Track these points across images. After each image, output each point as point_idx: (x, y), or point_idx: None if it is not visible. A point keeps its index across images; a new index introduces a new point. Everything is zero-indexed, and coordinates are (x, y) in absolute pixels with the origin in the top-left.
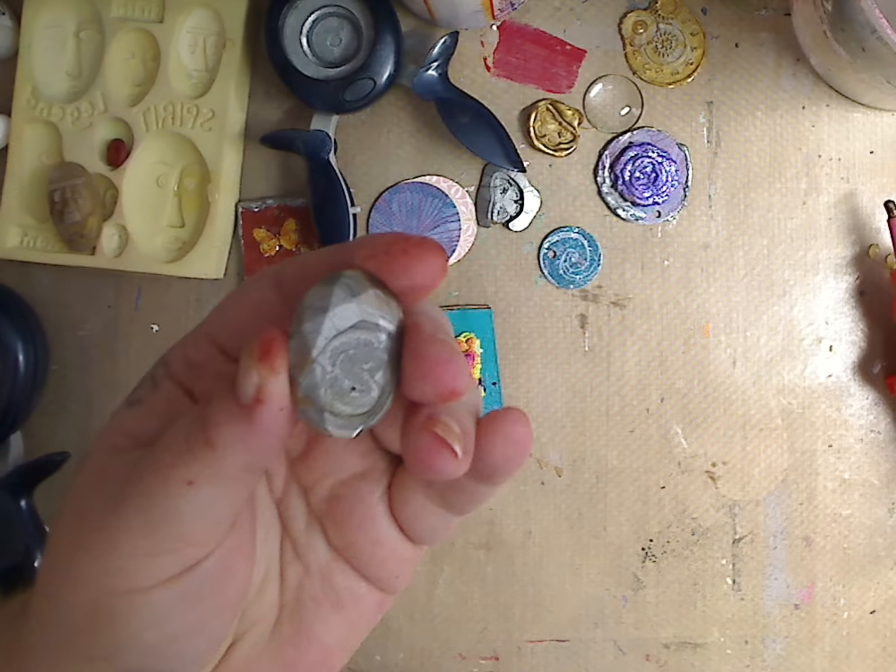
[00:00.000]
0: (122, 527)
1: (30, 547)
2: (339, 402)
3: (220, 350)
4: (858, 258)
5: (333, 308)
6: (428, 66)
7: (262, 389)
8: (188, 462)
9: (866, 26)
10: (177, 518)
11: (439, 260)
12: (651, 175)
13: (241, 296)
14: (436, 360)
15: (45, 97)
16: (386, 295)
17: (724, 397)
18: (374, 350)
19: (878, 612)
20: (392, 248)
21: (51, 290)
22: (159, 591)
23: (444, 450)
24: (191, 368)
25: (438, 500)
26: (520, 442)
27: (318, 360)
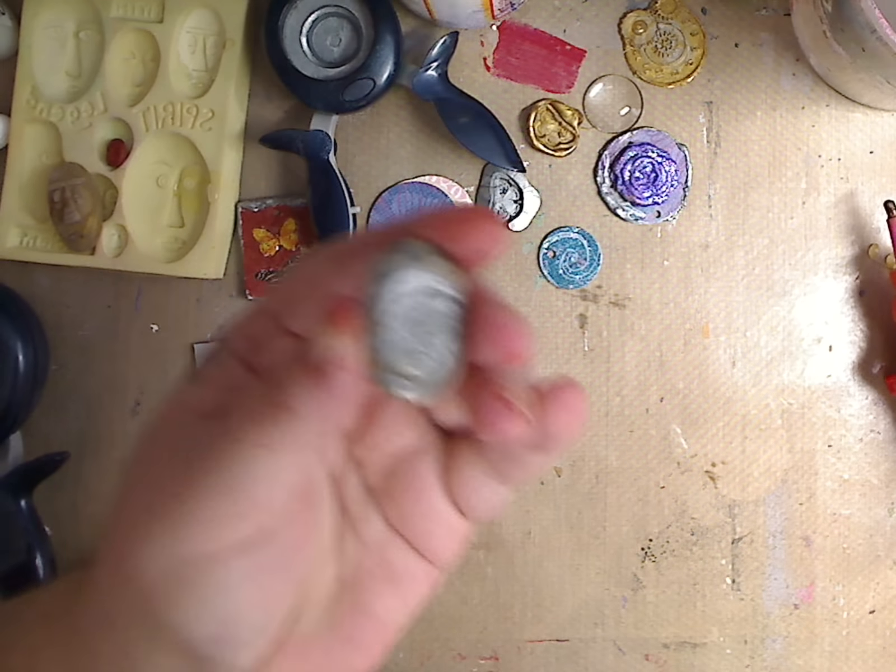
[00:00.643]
0: (196, 493)
1: (31, 547)
2: (408, 364)
3: (279, 325)
4: (858, 258)
5: (395, 273)
6: (428, 66)
7: (337, 353)
8: (266, 427)
9: (866, 26)
10: (252, 483)
11: (496, 226)
12: (651, 175)
13: (300, 271)
14: (504, 324)
15: (44, 97)
16: (447, 262)
17: (724, 397)
18: (443, 316)
19: (877, 612)
20: (450, 216)
21: (51, 290)
22: (232, 559)
23: (512, 412)
24: (250, 343)
25: (493, 472)
26: (576, 410)
27: (381, 322)
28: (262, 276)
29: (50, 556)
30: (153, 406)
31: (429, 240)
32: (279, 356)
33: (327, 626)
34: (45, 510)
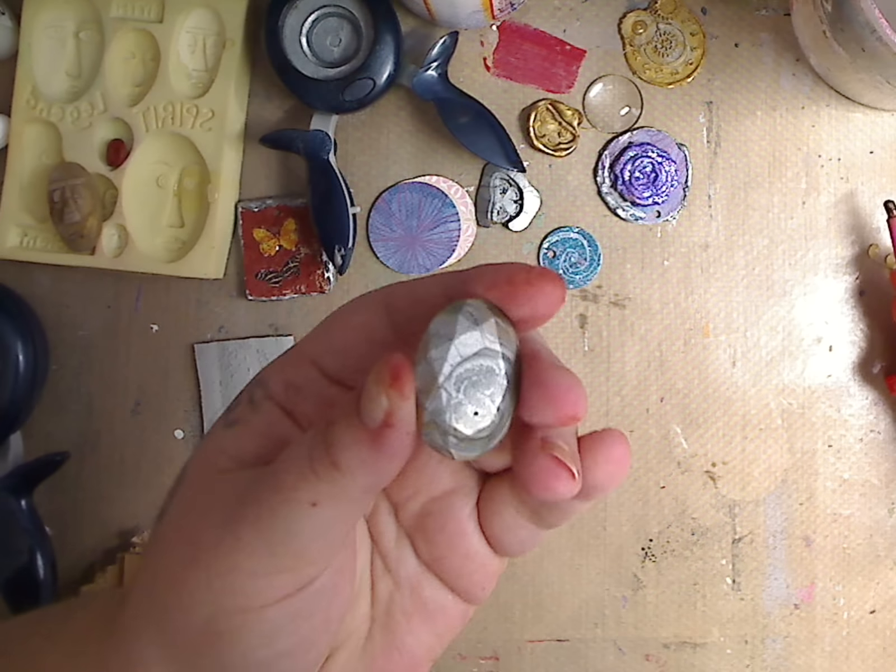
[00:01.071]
0: (240, 546)
1: (32, 548)
2: (462, 425)
3: (322, 372)
4: (858, 258)
5: (459, 336)
6: (428, 66)
7: (392, 414)
8: (313, 484)
9: (866, 27)
10: (298, 538)
11: (559, 290)
12: (651, 175)
13: (345, 318)
14: (559, 386)
15: (44, 97)
16: (505, 323)
17: (724, 397)
18: (495, 376)
19: (877, 612)
20: (515, 279)
21: (51, 290)
22: (274, 609)
23: (564, 472)
24: (291, 390)
25: (529, 515)
26: (620, 461)
27: (444, 385)
28: (262, 276)
29: (50, 557)
30: (152, 408)
31: (488, 301)
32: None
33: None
34: (45, 510)
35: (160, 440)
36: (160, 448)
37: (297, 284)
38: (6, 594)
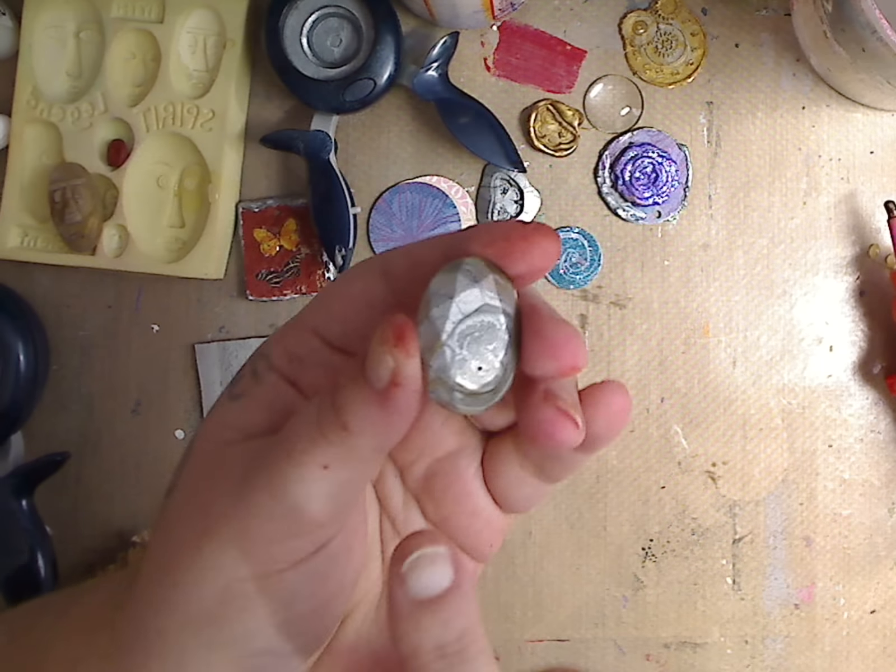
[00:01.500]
0: (253, 513)
1: (33, 548)
2: (468, 381)
3: (324, 341)
4: (858, 258)
5: (459, 294)
6: (428, 66)
7: (399, 373)
8: (323, 447)
9: (866, 27)
10: (311, 502)
11: (555, 244)
12: (651, 175)
13: (345, 286)
14: (558, 338)
15: (45, 97)
16: (503, 279)
17: (724, 397)
18: (496, 331)
19: (878, 612)
20: (511, 235)
21: (51, 290)
22: (290, 573)
23: (568, 422)
24: (294, 360)
25: (533, 469)
26: (621, 411)
27: (447, 343)
28: (262, 276)
29: (51, 557)
30: (152, 407)
31: (486, 258)
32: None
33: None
34: (46, 510)
35: (160, 440)
36: (160, 448)
37: (298, 285)
38: (6, 594)
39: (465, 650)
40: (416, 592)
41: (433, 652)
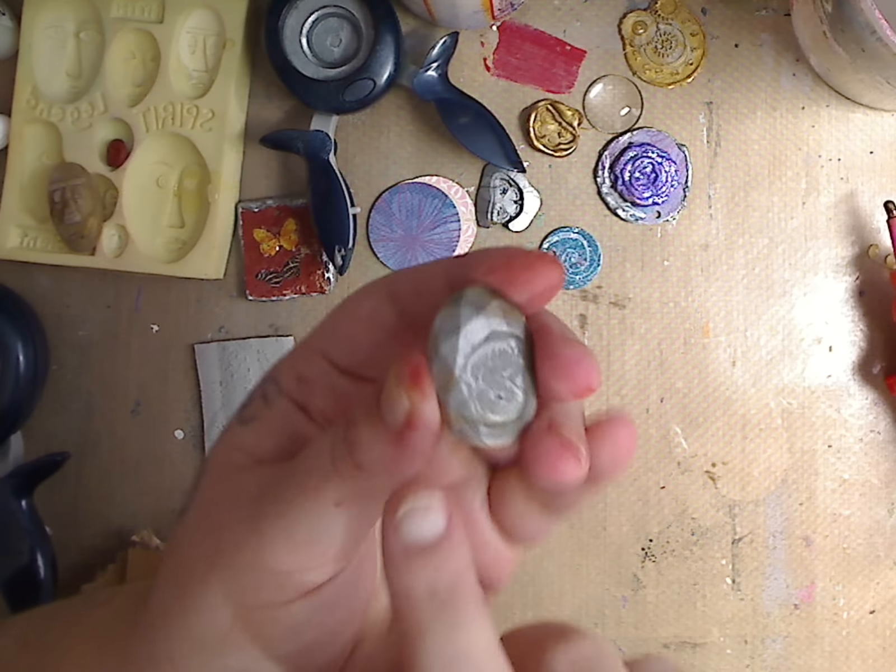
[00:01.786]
0: (264, 544)
1: (33, 548)
2: (490, 412)
3: (331, 364)
4: (858, 258)
5: (465, 326)
6: (428, 66)
7: (415, 414)
8: (336, 484)
9: (866, 27)
10: (322, 537)
11: (557, 272)
12: (651, 175)
13: (351, 310)
14: (570, 357)
15: (45, 97)
16: (508, 304)
17: (724, 397)
18: (509, 357)
19: (877, 612)
20: (513, 263)
21: (51, 290)
22: (299, 604)
23: (570, 454)
24: (302, 383)
25: (539, 503)
26: (626, 446)
27: (461, 377)
28: (262, 276)
29: (50, 557)
30: (152, 408)
31: (488, 285)
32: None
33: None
34: (46, 510)
35: (160, 440)
36: (160, 448)
37: (298, 285)
38: (6, 594)
39: (456, 596)
40: (409, 540)
41: (424, 595)
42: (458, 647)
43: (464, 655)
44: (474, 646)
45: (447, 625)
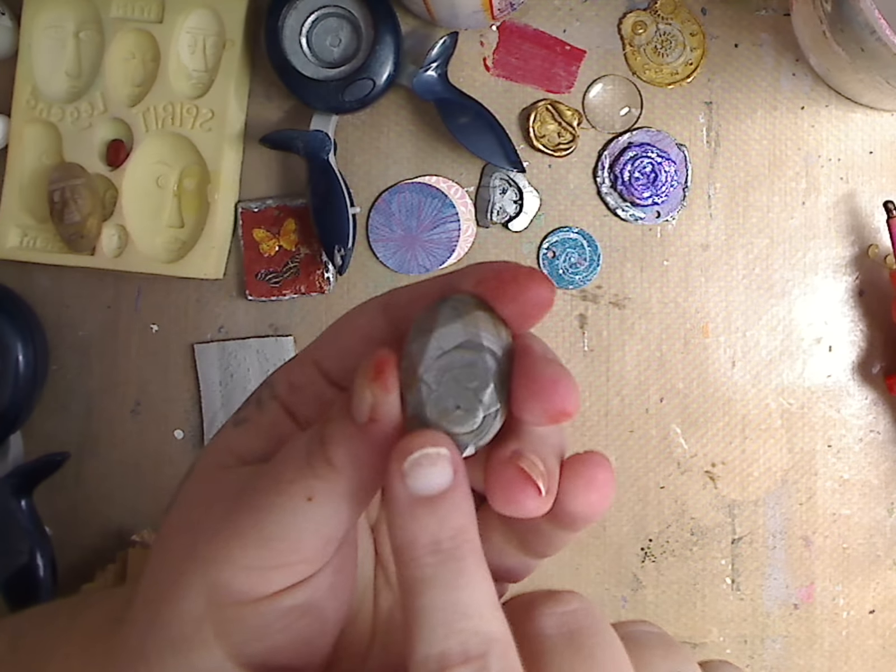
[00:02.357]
0: (236, 540)
1: (33, 548)
2: (445, 420)
3: (322, 374)
4: (858, 258)
5: (439, 328)
6: (427, 66)
7: (376, 408)
8: (309, 479)
9: (865, 27)
10: (293, 533)
11: (547, 290)
12: (650, 175)
13: (347, 321)
14: (547, 379)
15: (44, 97)
16: (493, 318)
17: (724, 397)
18: (478, 370)
19: (877, 612)
20: (502, 275)
21: (51, 290)
22: (267, 603)
23: (529, 486)
24: (294, 391)
25: (517, 542)
26: (602, 488)
27: (423, 378)
28: (261, 276)
29: (50, 557)
30: (152, 408)
31: (476, 295)
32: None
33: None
34: (45, 510)
35: (160, 440)
36: (160, 448)
37: (297, 284)
38: (6, 594)
39: (459, 548)
40: (416, 490)
41: (427, 546)
42: (461, 598)
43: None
44: (476, 597)
45: (450, 576)
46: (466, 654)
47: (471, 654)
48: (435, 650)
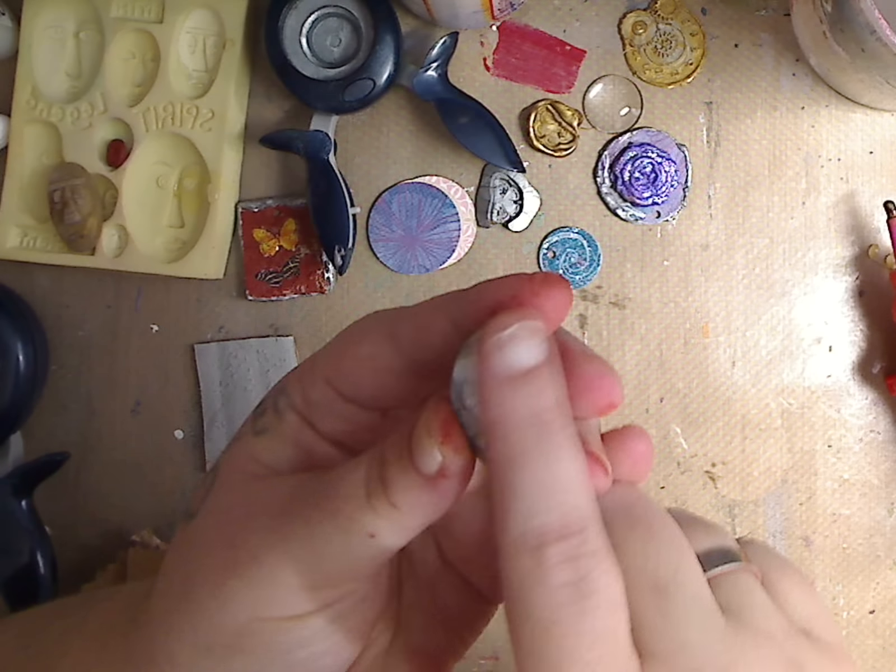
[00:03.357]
0: (286, 561)
1: (33, 548)
2: None
3: (337, 392)
4: (858, 258)
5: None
6: (428, 66)
7: (448, 467)
8: (371, 517)
9: (866, 27)
10: (350, 562)
11: (566, 293)
12: (651, 175)
13: (354, 345)
14: (593, 374)
15: (44, 97)
16: None
17: (724, 397)
18: None
19: (877, 612)
20: (520, 295)
21: (51, 290)
22: (313, 617)
23: (598, 467)
24: (310, 405)
25: None
26: (643, 458)
27: None
28: (261, 276)
29: (50, 557)
30: (152, 408)
31: None
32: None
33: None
34: (45, 510)
35: (160, 440)
36: (160, 448)
37: (297, 285)
38: (6, 594)
39: (555, 422)
40: (513, 363)
41: (525, 421)
42: (557, 473)
43: (566, 480)
44: (575, 471)
45: (546, 450)
46: (567, 528)
47: (571, 529)
48: (533, 523)
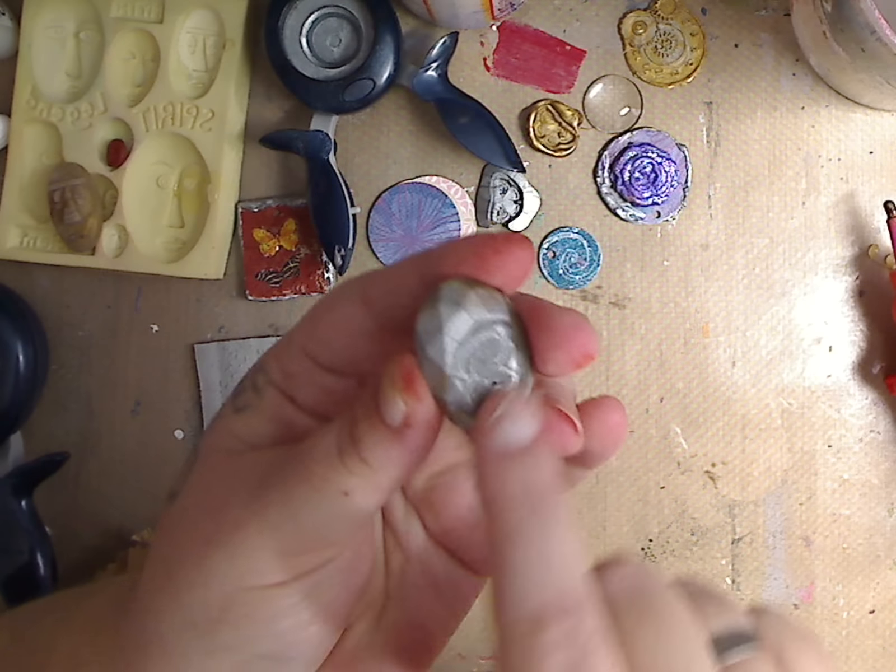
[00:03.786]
0: (264, 528)
1: (33, 548)
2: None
3: (315, 362)
4: (858, 258)
5: (447, 324)
6: (428, 66)
7: (411, 415)
8: (344, 476)
9: (866, 27)
10: (328, 524)
11: (527, 251)
12: (651, 175)
13: (328, 311)
14: (567, 326)
15: (44, 97)
16: (488, 291)
17: (724, 397)
18: (498, 342)
19: (877, 612)
20: (482, 250)
21: (51, 290)
22: (296, 584)
23: (567, 424)
24: (288, 377)
25: None
26: (616, 428)
27: (453, 376)
28: (261, 277)
29: (50, 556)
30: (152, 408)
31: (463, 276)
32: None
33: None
34: (45, 510)
35: (160, 440)
36: (160, 448)
37: (297, 285)
38: (6, 594)
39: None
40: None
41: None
42: (551, 548)
43: (556, 555)
44: (565, 547)
45: (540, 525)
46: (564, 607)
47: (568, 608)
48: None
